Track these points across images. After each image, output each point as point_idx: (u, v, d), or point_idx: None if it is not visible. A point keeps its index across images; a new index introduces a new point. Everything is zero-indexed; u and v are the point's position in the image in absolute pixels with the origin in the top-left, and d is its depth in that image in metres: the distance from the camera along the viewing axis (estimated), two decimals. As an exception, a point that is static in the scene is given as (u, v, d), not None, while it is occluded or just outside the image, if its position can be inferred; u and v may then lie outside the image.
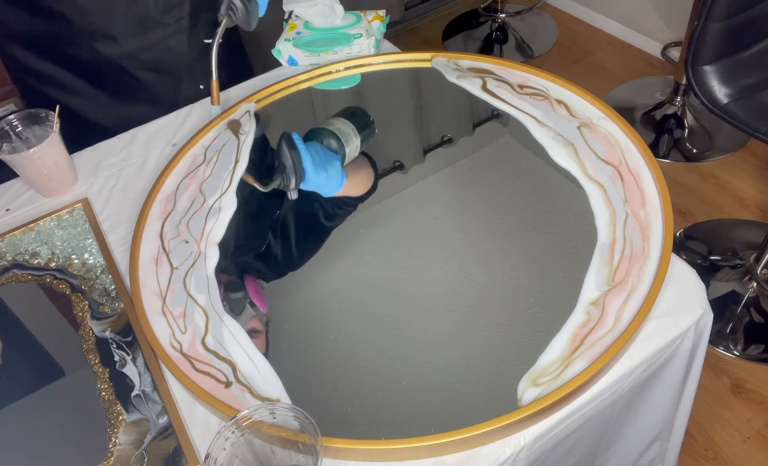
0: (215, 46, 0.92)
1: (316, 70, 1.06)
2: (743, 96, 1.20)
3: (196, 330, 0.71)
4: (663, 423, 0.79)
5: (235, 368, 0.67)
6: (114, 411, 0.66)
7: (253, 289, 0.76)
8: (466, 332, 0.70)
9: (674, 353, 0.68)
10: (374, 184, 0.87)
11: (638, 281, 0.68)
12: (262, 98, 1.03)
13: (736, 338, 1.43)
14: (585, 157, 0.83)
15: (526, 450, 0.60)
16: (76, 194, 0.93)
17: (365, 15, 1.14)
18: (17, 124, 0.90)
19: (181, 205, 0.86)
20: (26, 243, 0.86)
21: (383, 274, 0.78)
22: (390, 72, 1.07)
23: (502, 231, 0.81)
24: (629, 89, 2.15)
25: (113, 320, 0.74)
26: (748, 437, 1.28)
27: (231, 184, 0.87)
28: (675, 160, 1.89)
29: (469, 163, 0.93)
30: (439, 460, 0.59)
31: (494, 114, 0.97)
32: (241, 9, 0.90)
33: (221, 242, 0.78)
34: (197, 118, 1.03)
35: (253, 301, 0.74)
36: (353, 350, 0.70)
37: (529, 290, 0.73)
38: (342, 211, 0.84)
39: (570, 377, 0.61)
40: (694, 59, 1.19)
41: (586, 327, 0.65)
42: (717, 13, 1.12)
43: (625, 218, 0.75)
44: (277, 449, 0.57)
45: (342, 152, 0.78)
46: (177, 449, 0.62)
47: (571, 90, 0.94)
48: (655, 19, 2.20)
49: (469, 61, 1.03)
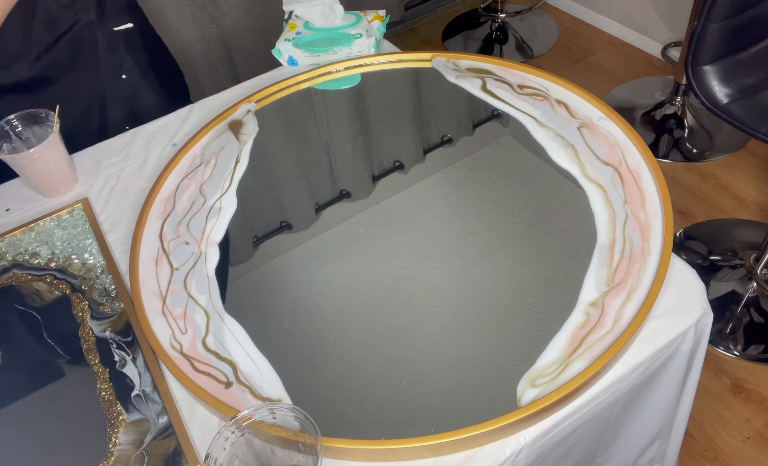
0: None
1: (316, 70, 1.07)
2: (743, 96, 1.20)
3: (196, 330, 0.71)
4: (663, 423, 0.79)
5: (236, 368, 0.67)
6: (114, 411, 0.66)
7: None
8: (466, 332, 0.70)
9: (674, 353, 0.69)
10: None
11: (638, 282, 0.69)
12: (262, 98, 1.03)
13: (736, 338, 1.43)
14: (585, 158, 0.83)
15: (526, 450, 0.60)
16: (76, 194, 0.93)
17: (365, 15, 1.14)
18: (17, 124, 0.90)
19: (180, 206, 0.86)
20: (26, 243, 0.86)
21: (383, 274, 0.78)
22: (390, 72, 1.07)
23: (502, 231, 0.81)
24: (629, 89, 2.15)
25: (113, 320, 0.74)
26: (748, 437, 1.28)
27: (231, 185, 0.88)
28: (675, 160, 1.89)
29: (469, 163, 0.93)
30: (439, 460, 0.59)
31: (494, 114, 0.97)
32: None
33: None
34: (197, 118, 1.03)
35: None
36: (353, 349, 0.70)
37: (529, 290, 0.73)
38: None
39: (569, 377, 0.61)
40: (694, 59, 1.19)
41: (585, 328, 0.66)
42: (717, 13, 1.12)
43: (625, 219, 0.75)
44: (277, 449, 0.57)
45: None
46: (177, 449, 0.62)
47: (571, 90, 0.94)
48: (655, 19, 2.20)
49: (469, 61, 1.03)
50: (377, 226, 0.85)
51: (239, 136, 0.96)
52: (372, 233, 0.84)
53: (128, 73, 1.11)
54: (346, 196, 0.91)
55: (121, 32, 1.09)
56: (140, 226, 0.83)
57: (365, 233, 0.84)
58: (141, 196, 0.89)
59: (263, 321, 0.74)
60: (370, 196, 0.90)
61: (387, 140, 1.00)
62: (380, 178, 0.93)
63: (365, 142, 1.00)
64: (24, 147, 0.90)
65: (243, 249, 0.85)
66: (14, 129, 0.90)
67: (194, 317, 0.72)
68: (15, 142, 0.90)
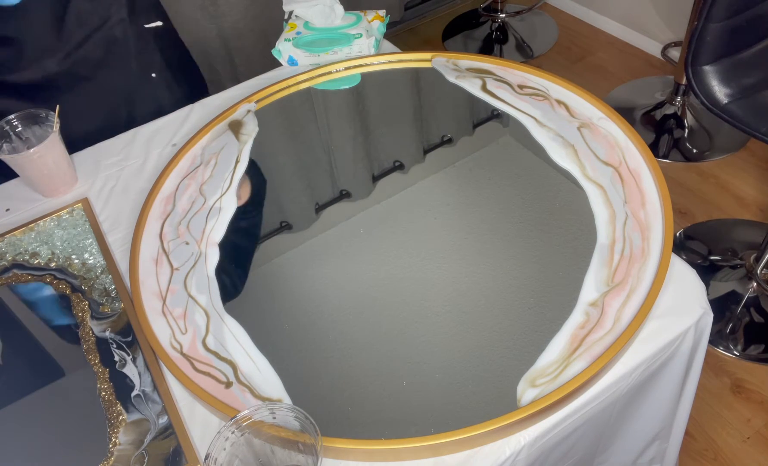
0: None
1: (316, 70, 1.07)
2: (743, 96, 1.20)
3: (196, 330, 0.71)
4: (662, 423, 0.79)
5: (236, 368, 0.67)
6: (114, 411, 0.66)
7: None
8: (466, 332, 0.70)
9: (674, 353, 0.69)
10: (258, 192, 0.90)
11: (638, 282, 0.69)
12: (262, 98, 1.03)
13: (736, 338, 1.43)
14: (585, 159, 0.83)
15: (526, 450, 0.60)
16: (76, 194, 0.93)
17: (365, 15, 1.14)
18: (17, 124, 0.90)
19: (180, 206, 0.86)
20: (26, 243, 0.86)
21: (383, 273, 0.78)
22: (390, 72, 1.07)
23: (502, 231, 0.81)
24: (629, 89, 2.15)
25: (113, 320, 0.74)
26: (748, 437, 1.28)
27: (231, 185, 0.88)
28: (675, 160, 1.89)
29: (469, 163, 0.93)
30: (439, 460, 0.59)
31: (494, 114, 0.97)
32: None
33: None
34: (197, 118, 1.03)
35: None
36: (353, 349, 0.70)
37: (529, 290, 0.73)
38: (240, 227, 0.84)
39: (569, 377, 0.61)
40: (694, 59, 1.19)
41: (585, 328, 0.66)
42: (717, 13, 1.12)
43: (625, 219, 0.75)
44: (277, 449, 0.57)
45: None
46: (177, 449, 0.62)
47: (571, 90, 0.94)
48: (655, 19, 2.20)
49: (469, 61, 1.03)
50: (377, 226, 0.85)
51: (239, 136, 0.96)
52: (372, 232, 0.84)
53: (157, 70, 1.11)
54: (346, 196, 0.91)
55: (151, 30, 1.09)
56: (140, 227, 0.83)
57: (365, 232, 0.84)
58: (141, 196, 0.89)
59: (263, 321, 0.74)
60: (370, 196, 0.90)
61: (387, 140, 1.00)
62: (380, 178, 0.93)
63: (365, 142, 1.00)
64: (24, 147, 0.90)
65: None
66: (14, 129, 0.90)
67: (194, 317, 0.72)
68: (15, 142, 0.90)
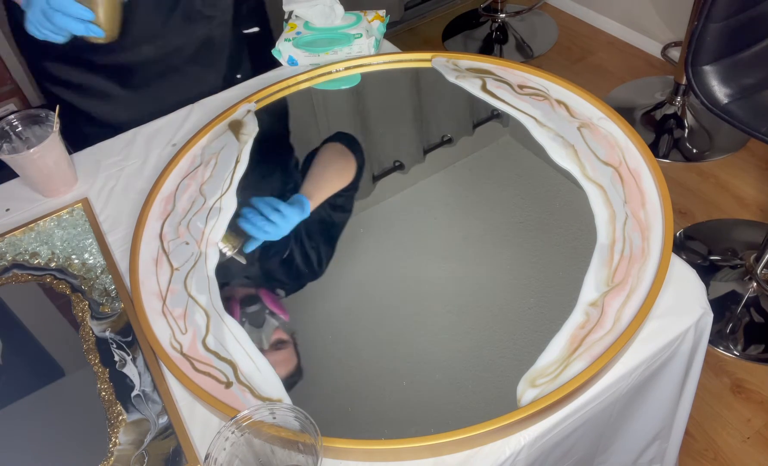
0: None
1: (316, 70, 1.07)
2: (743, 96, 1.20)
3: (196, 330, 0.71)
4: (662, 423, 0.79)
5: (236, 368, 0.67)
6: (114, 411, 0.66)
7: (270, 299, 0.76)
8: (466, 332, 0.70)
9: (674, 353, 0.69)
10: (360, 169, 0.91)
11: (638, 282, 0.69)
12: (262, 98, 1.03)
13: (736, 338, 1.43)
14: (585, 159, 0.83)
15: (526, 450, 0.60)
16: (76, 194, 0.93)
17: (365, 15, 1.14)
18: (17, 124, 0.90)
19: (180, 206, 0.86)
20: (26, 243, 0.86)
21: (383, 274, 0.78)
22: (390, 72, 1.07)
23: (502, 231, 0.81)
24: (629, 89, 2.16)
25: (113, 320, 0.74)
26: (748, 437, 1.28)
27: (231, 185, 0.88)
28: (675, 160, 1.89)
29: (469, 163, 0.93)
30: (439, 460, 0.59)
31: (494, 114, 0.97)
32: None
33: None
34: (197, 118, 1.03)
35: (273, 311, 0.74)
36: (353, 349, 0.70)
37: (529, 290, 0.73)
38: (337, 209, 0.84)
39: (569, 377, 0.61)
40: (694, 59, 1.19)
41: (585, 328, 0.66)
42: (717, 13, 1.12)
43: (625, 219, 0.75)
44: (277, 449, 0.57)
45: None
46: (177, 449, 0.62)
47: (571, 90, 0.94)
48: (655, 19, 2.20)
49: (469, 61, 1.03)
50: (377, 226, 0.85)
51: (239, 136, 0.96)
52: (372, 233, 0.84)
53: (244, 72, 1.13)
54: (346, 196, 0.91)
55: (248, 35, 1.12)
56: (140, 227, 0.83)
57: (365, 232, 0.84)
58: (141, 196, 0.89)
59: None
60: (370, 196, 0.90)
61: (387, 140, 1.00)
62: (380, 178, 0.93)
63: (365, 142, 1.00)
64: (24, 147, 0.90)
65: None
66: (14, 129, 0.90)
67: (194, 317, 0.72)
68: (15, 142, 0.90)
